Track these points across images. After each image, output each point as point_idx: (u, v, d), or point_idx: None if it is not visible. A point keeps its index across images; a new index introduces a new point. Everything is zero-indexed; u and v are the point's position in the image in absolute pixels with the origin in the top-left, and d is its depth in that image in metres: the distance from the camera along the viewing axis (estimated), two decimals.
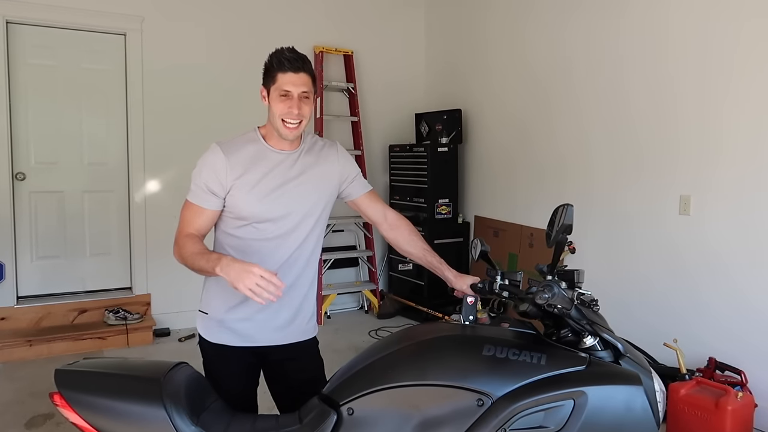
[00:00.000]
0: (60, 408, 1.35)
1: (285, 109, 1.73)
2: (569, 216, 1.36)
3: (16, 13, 4.21)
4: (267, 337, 1.84)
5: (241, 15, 4.85)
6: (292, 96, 1.73)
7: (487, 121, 4.93)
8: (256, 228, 1.79)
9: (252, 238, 1.79)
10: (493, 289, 1.70)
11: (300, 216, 1.82)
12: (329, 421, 1.39)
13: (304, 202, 1.83)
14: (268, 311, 1.81)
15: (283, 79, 1.72)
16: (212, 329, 1.84)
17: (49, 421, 3.10)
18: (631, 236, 3.70)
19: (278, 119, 1.74)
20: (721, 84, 3.19)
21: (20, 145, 4.33)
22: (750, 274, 3.08)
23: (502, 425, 1.30)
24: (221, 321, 1.82)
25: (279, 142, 1.81)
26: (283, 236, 1.81)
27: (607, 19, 3.83)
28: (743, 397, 2.70)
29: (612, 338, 1.46)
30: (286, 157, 1.82)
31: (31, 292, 4.41)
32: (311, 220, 1.86)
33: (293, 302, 1.86)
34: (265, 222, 1.78)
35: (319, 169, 1.88)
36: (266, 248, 1.80)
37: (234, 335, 1.81)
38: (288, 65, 1.72)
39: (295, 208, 1.81)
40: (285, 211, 1.79)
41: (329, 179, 1.91)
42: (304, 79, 1.74)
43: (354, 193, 1.99)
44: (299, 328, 1.89)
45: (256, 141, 1.82)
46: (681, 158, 3.39)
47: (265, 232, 1.79)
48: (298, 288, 1.87)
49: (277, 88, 1.73)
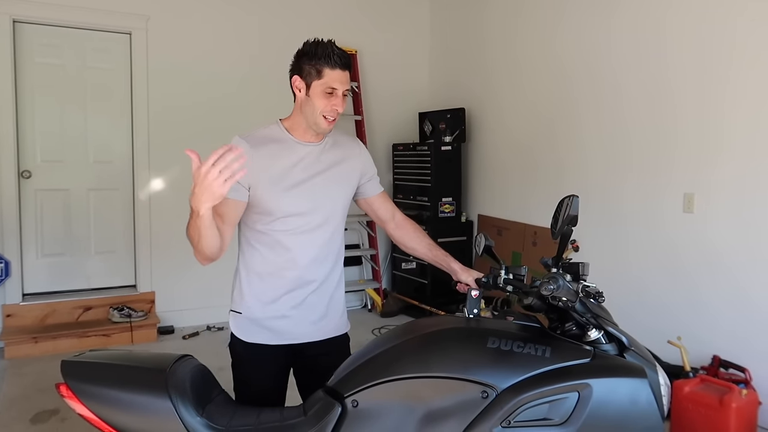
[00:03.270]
0: (66, 399, 1.35)
1: (329, 106, 1.71)
2: (575, 207, 1.36)
3: (23, 12, 4.23)
4: (303, 333, 1.82)
5: (246, 14, 4.85)
6: (338, 94, 1.72)
7: (491, 120, 4.93)
8: (283, 223, 1.75)
9: (283, 232, 1.75)
10: (497, 284, 1.70)
11: (328, 210, 1.81)
12: (333, 414, 1.39)
13: (332, 196, 1.82)
14: (302, 307, 1.80)
15: (332, 76, 1.70)
16: (247, 329, 1.80)
17: (54, 417, 3.12)
18: (633, 234, 3.69)
19: (319, 114, 1.72)
20: (719, 80, 3.18)
21: (26, 144, 4.36)
22: (753, 272, 3.07)
23: (507, 417, 1.30)
24: (256, 320, 1.80)
25: (305, 134, 1.79)
26: (311, 231, 1.79)
27: (606, 18, 3.83)
28: (747, 395, 2.70)
29: (616, 331, 1.46)
30: (311, 150, 1.80)
31: (37, 290, 4.44)
32: (338, 215, 1.85)
33: (325, 297, 1.85)
34: (292, 216, 1.75)
35: (345, 163, 1.87)
36: (296, 244, 1.77)
37: (271, 333, 1.79)
38: (339, 62, 1.70)
39: (323, 202, 1.79)
40: (312, 206, 1.77)
41: (352, 174, 1.90)
42: (348, 77, 1.74)
43: (369, 192, 1.98)
44: (333, 323, 1.89)
45: (280, 134, 1.78)
46: (685, 156, 3.38)
47: (293, 227, 1.76)
48: (329, 283, 1.86)
49: (323, 83, 1.70)
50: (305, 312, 1.81)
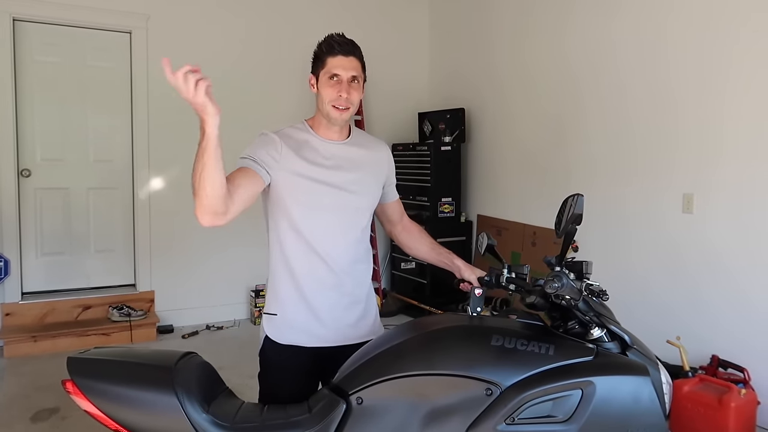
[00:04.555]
0: (72, 395, 1.36)
1: (334, 95, 1.68)
2: (580, 206, 1.37)
3: (23, 11, 4.23)
4: (338, 336, 1.77)
5: (245, 14, 4.86)
6: (342, 80, 1.68)
7: (491, 120, 4.94)
8: (311, 221, 1.72)
9: (309, 233, 1.72)
10: (500, 282, 1.71)
11: (353, 209, 1.78)
12: (338, 411, 1.40)
13: (359, 195, 1.79)
14: (337, 309, 1.76)
15: (333, 63, 1.68)
16: (282, 330, 1.77)
17: (54, 415, 3.12)
18: (632, 235, 3.71)
19: (328, 104, 1.70)
20: (720, 83, 3.20)
21: (26, 142, 4.35)
22: (752, 273, 3.09)
23: (511, 414, 1.31)
24: (291, 321, 1.76)
25: (327, 131, 1.77)
26: (340, 230, 1.76)
27: (608, 20, 3.84)
28: (746, 395, 2.70)
29: (619, 330, 1.47)
30: (337, 148, 1.78)
31: (36, 288, 4.43)
32: (366, 214, 1.83)
33: (360, 298, 1.82)
34: (320, 214, 1.72)
35: (372, 164, 1.85)
36: (326, 243, 1.73)
37: (306, 335, 1.75)
38: (338, 48, 1.68)
39: (350, 201, 1.77)
40: (338, 204, 1.74)
41: (380, 175, 1.87)
42: (354, 63, 1.70)
43: (389, 197, 1.97)
44: (368, 326, 1.84)
45: (305, 131, 1.78)
46: (684, 156, 3.40)
47: (322, 224, 1.73)
48: (363, 284, 1.83)
49: (326, 72, 1.69)
50: (340, 314, 1.77)
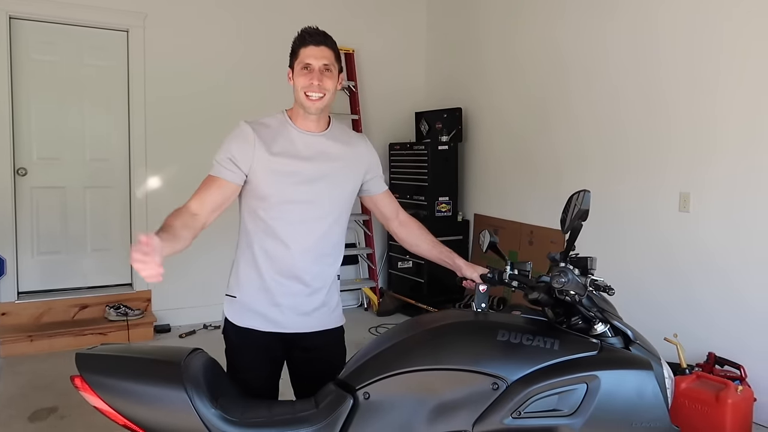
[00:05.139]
0: (81, 391, 1.36)
1: (306, 82, 1.74)
2: (586, 201, 1.38)
3: (19, 9, 4.21)
4: (294, 323, 1.81)
5: (243, 13, 4.85)
6: (313, 69, 1.74)
7: (488, 120, 4.96)
8: (281, 211, 1.76)
9: (278, 222, 1.76)
10: (503, 279, 1.73)
11: (326, 202, 1.80)
12: (345, 406, 1.41)
13: (332, 188, 1.81)
14: (296, 298, 1.80)
15: (305, 53, 1.75)
16: (240, 313, 1.81)
17: (53, 415, 3.11)
18: (630, 234, 3.73)
19: (301, 92, 1.75)
20: (711, 78, 3.24)
21: (22, 141, 4.33)
22: (746, 271, 3.12)
23: (517, 408, 1.33)
24: (249, 305, 1.80)
25: (305, 121, 1.80)
26: (309, 222, 1.78)
27: (600, 20, 3.88)
28: (743, 391, 2.73)
29: (622, 325, 1.49)
30: (313, 140, 1.81)
31: (32, 288, 4.41)
32: (338, 208, 1.84)
33: (320, 290, 1.84)
34: (289, 204, 1.76)
35: (349, 157, 1.87)
36: (292, 234, 1.77)
37: (263, 320, 1.79)
38: (309, 39, 1.75)
39: (322, 194, 1.79)
40: (310, 196, 1.77)
41: (357, 169, 1.90)
42: (325, 53, 1.75)
43: (374, 190, 1.98)
44: (326, 316, 1.87)
45: (283, 122, 1.81)
46: (680, 155, 3.43)
47: (291, 216, 1.76)
48: (325, 276, 1.85)
49: (299, 62, 1.76)
50: (298, 302, 1.80)
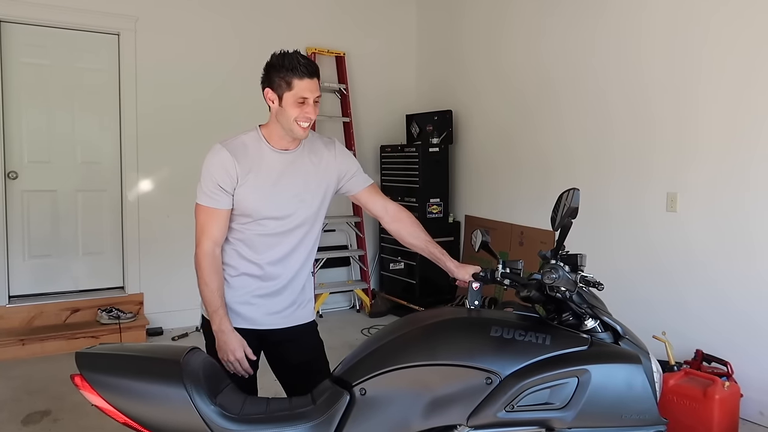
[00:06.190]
0: (81, 390, 1.37)
1: (302, 114, 1.80)
2: (576, 200, 1.42)
3: (9, 12, 4.20)
4: (267, 321, 1.92)
5: (234, 16, 4.88)
6: (309, 102, 1.80)
7: (478, 122, 5.01)
8: (260, 224, 1.87)
9: (256, 234, 1.88)
10: (495, 277, 1.76)
11: (301, 215, 1.92)
12: (342, 402, 1.43)
13: (306, 202, 1.92)
14: (268, 299, 1.91)
15: (300, 86, 1.77)
16: None
17: (46, 418, 3.10)
18: (616, 234, 3.79)
19: (292, 122, 1.80)
20: (694, 82, 3.32)
21: (13, 144, 4.32)
22: (731, 270, 3.18)
23: (510, 402, 1.36)
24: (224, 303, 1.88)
25: (280, 141, 1.88)
26: (285, 233, 1.90)
27: (586, 23, 3.94)
28: (730, 387, 2.79)
29: (611, 321, 1.53)
30: (287, 158, 1.89)
31: (24, 292, 4.39)
32: (311, 217, 1.95)
33: (293, 292, 1.96)
34: (268, 219, 1.87)
35: (320, 168, 1.95)
36: (269, 243, 1.89)
37: (236, 317, 1.88)
38: (304, 71, 1.77)
39: (297, 208, 1.89)
40: (287, 210, 1.88)
41: (328, 177, 1.98)
42: (317, 84, 1.81)
43: (354, 188, 2.05)
44: (297, 313, 1.99)
45: (258, 141, 1.88)
46: (666, 156, 3.49)
47: (269, 228, 1.88)
48: (298, 279, 1.97)
49: (294, 94, 1.78)
50: (270, 302, 1.91)
